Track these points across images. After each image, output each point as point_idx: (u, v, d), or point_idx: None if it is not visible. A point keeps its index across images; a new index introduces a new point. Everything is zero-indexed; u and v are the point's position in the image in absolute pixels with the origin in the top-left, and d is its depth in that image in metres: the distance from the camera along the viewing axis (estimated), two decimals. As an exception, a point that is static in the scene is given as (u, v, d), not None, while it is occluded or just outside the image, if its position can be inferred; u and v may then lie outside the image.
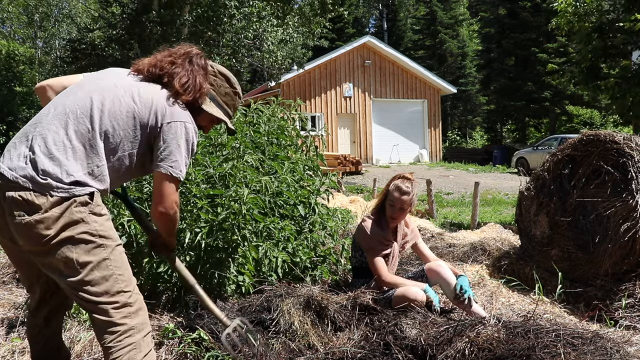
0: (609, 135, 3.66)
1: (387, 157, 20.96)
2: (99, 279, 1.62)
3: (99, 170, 1.65)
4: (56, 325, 1.96)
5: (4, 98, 18.18)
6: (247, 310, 2.65)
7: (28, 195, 1.54)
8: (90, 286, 1.62)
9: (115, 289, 1.65)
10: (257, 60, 14.65)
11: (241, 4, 12.67)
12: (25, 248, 1.62)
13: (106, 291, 1.63)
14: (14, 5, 23.68)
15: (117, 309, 1.65)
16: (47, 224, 1.55)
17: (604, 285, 3.47)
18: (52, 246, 1.58)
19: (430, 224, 7.36)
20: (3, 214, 1.59)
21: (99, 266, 1.62)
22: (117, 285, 1.65)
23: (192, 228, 2.75)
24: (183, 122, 1.74)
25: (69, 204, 1.57)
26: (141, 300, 1.74)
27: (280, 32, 13.50)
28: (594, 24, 8.14)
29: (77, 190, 1.59)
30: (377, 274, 2.85)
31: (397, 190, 2.91)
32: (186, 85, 1.80)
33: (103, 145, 1.66)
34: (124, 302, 1.66)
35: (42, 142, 1.60)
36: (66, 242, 1.58)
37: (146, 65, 1.84)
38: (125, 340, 1.65)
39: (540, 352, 1.94)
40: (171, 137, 1.71)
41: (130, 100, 1.71)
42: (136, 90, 1.74)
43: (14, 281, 3.67)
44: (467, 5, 34.70)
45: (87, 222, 1.61)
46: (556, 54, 22.98)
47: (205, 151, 3.15)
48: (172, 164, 1.71)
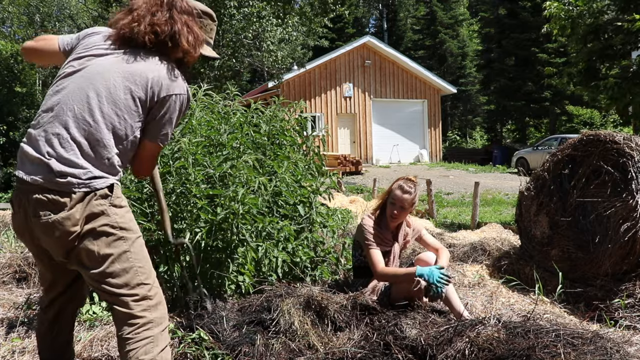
0: (609, 135, 3.66)
1: (387, 157, 20.96)
2: (119, 271, 1.63)
3: (110, 162, 1.65)
4: (67, 321, 1.97)
5: (4, 98, 18.18)
6: (247, 310, 2.65)
7: (52, 195, 1.56)
8: (110, 278, 1.63)
9: (136, 282, 1.66)
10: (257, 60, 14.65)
11: (241, 4, 12.67)
12: (52, 246, 1.63)
13: (126, 283, 1.64)
14: (14, 5, 23.67)
15: (137, 302, 1.66)
16: (73, 221, 1.57)
17: (604, 285, 3.47)
18: (77, 239, 1.60)
19: (430, 224, 7.37)
20: (26, 217, 1.61)
21: (119, 258, 1.63)
22: (137, 278, 1.66)
23: (192, 228, 2.75)
24: (179, 94, 1.72)
25: (90, 198, 1.59)
26: (161, 294, 1.74)
27: (280, 32, 13.49)
28: (589, 25, 8.13)
29: (97, 183, 1.60)
30: (372, 266, 2.86)
31: (399, 188, 2.94)
32: (192, 42, 1.74)
33: (111, 136, 1.65)
34: (143, 295, 1.67)
35: (50, 146, 1.59)
36: (88, 234, 1.60)
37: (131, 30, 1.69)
38: (143, 332, 1.65)
39: (540, 352, 1.94)
40: (165, 111, 1.71)
41: (127, 83, 1.66)
42: (130, 70, 1.68)
43: (14, 281, 3.67)
44: (467, 5, 34.69)
45: (107, 215, 1.62)
46: (556, 54, 22.98)
47: (205, 151, 3.15)
48: (163, 136, 1.73)
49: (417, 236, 3.16)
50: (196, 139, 3.08)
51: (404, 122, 21.51)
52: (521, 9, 25.05)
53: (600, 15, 8.09)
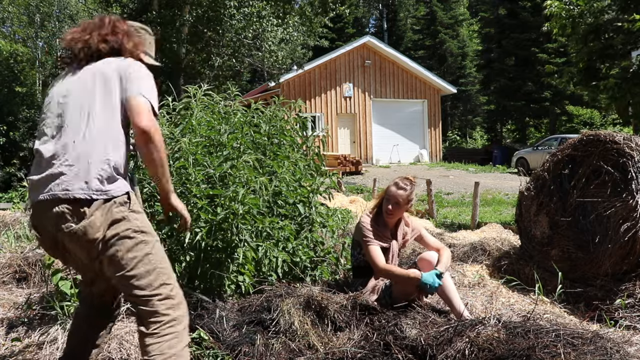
0: (609, 135, 3.66)
1: (387, 157, 20.95)
2: (143, 273, 1.73)
3: (115, 168, 1.73)
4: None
5: (4, 98, 18.17)
6: (247, 310, 2.65)
7: (72, 206, 1.65)
8: (135, 280, 1.72)
9: (159, 282, 1.75)
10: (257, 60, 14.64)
11: (241, 4, 12.66)
12: (80, 254, 1.73)
13: (150, 284, 1.73)
14: (14, 5, 23.67)
15: (160, 301, 1.74)
16: (95, 228, 1.66)
17: (604, 285, 3.47)
18: (101, 245, 1.69)
19: (430, 224, 7.37)
20: (51, 232, 1.71)
21: (142, 261, 1.73)
22: (160, 278, 1.75)
23: (191, 228, 2.75)
24: (137, 63, 1.88)
25: (109, 205, 1.69)
26: (181, 294, 1.82)
27: (281, 32, 13.49)
28: (590, 25, 8.12)
29: (114, 191, 1.70)
30: (373, 262, 2.88)
31: (394, 185, 2.99)
32: (132, 47, 1.95)
33: (107, 142, 1.72)
34: (166, 294, 1.75)
35: (59, 163, 1.68)
36: (112, 239, 1.69)
37: (86, 42, 1.89)
38: (168, 329, 1.73)
39: (540, 352, 1.94)
40: (134, 74, 1.81)
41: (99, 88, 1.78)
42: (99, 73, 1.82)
43: (14, 281, 3.68)
44: (467, 5, 34.68)
45: (129, 220, 1.72)
46: (556, 54, 22.98)
47: (206, 151, 3.15)
48: (139, 88, 1.77)
49: (416, 236, 3.17)
50: (196, 139, 3.08)
51: (404, 122, 21.49)
52: (521, 9, 25.05)
53: (600, 14, 8.09)
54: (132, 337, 2.44)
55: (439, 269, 2.78)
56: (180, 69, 13.91)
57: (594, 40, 8.33)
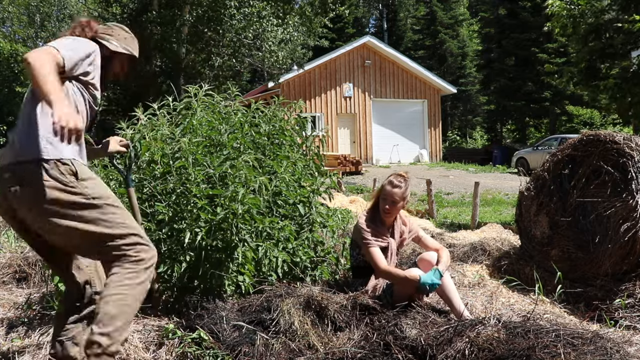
0: (609, 135, 3.67)
1: (387, 157, 20.95)
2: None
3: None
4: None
5: (4, 98, 18.17)
6: (247, 310, 2.65)
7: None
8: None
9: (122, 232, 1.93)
10: (258, 60, 14.65)
11: (241, 4, 12.66)
12: (31, 218, 1.90)
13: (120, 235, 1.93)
14: (14, 5, 23.66)
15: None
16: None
17: (604, 285, 3.47)
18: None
19: (430, 224, 7.37)
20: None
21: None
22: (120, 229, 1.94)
23: (192, 228, 2.75)
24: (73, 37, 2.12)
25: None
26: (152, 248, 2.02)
27: (281, 32, 13.49)
28: (590, 25, 8.12)
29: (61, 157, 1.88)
30: (374, 263, 2.88)
31: (389, 184, 2.99)
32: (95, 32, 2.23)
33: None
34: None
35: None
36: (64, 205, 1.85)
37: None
38: (138, 264, 1.93)
39: (540, 352, 1.94)
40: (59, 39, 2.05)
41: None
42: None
43: (14, 281, 3.68)
44: (467, 5, 34.67)
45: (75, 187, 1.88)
46: (556, 54, 22.98)
47: (206, 151, 3.15)
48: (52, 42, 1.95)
49: (414, 237, 3.17)
50: (196, 139, 3.08)
51: (404, 122, 21.49)
52: (521, 9, 25.05)
53: (601, 14, 8.09)
54: (132, 337, 2.44)
55: (439, 268, 2.79)
56: (181, 69, 13.92)
57: (595, 40, 8.33)
